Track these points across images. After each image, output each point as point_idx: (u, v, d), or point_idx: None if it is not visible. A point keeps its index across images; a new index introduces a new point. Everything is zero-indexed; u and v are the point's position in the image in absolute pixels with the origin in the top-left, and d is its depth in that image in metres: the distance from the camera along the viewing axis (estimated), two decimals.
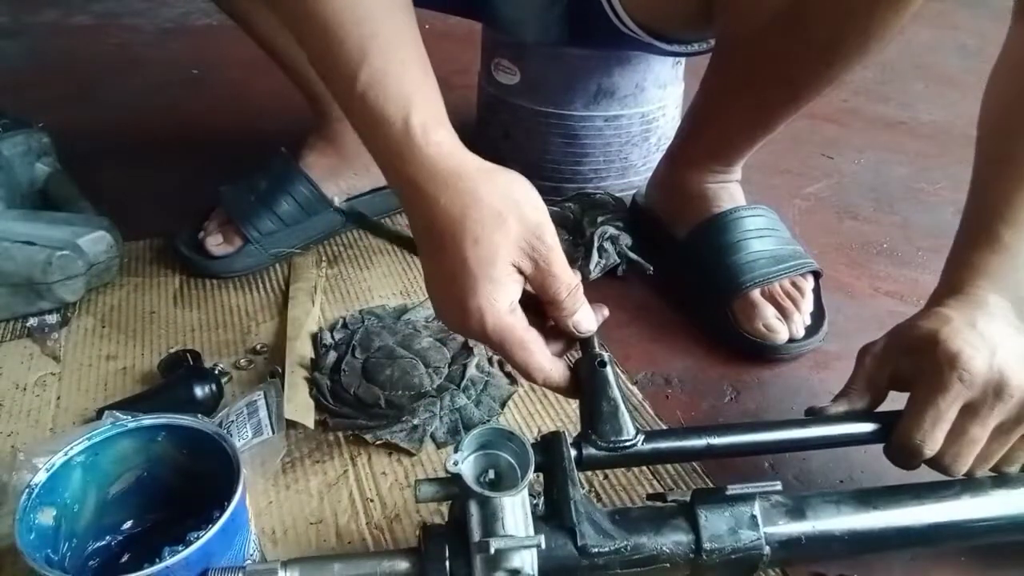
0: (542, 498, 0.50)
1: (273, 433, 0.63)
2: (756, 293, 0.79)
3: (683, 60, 1.07)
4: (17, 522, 0.42)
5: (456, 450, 0.45)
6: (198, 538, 0.42)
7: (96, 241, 0.81)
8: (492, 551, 0.41)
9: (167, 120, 1.29)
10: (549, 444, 0.50)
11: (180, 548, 0.42)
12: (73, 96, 1.38)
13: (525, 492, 0.45)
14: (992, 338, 0.53)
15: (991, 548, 0.58)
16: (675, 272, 0.88)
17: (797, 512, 0.50)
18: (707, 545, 0.47)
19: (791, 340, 0.78)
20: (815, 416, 0.58)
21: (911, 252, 0.98)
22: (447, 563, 0.44)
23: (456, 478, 0.44)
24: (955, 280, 0.58)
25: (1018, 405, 0.52)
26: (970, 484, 0.54)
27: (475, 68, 1.12)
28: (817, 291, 0.82)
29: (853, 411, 0.57)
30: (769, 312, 0.78)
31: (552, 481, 0.49)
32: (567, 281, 0.52)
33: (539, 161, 1.06)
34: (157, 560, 0.41)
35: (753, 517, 0.48)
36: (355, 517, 0.59)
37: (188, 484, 0.51)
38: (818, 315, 0.81)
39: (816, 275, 0.83)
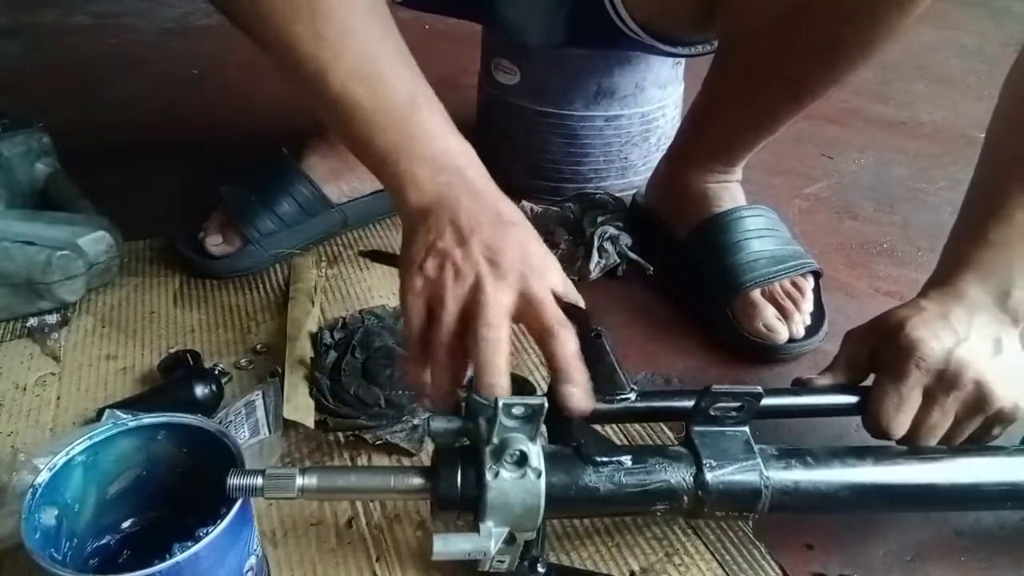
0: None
1: (270, 433, 0.63)
2: (756, 293, 0.79)
3: (683, 60, 1.07)
4: (23, 522, 0.42)
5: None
6: (207, 534, 0.42)
7: (96, 241, 0.81)
8: (501, 404, 0.44)
9: (167, 120, 1.29)
10: (551, 390, 0.53)
11: (189, 544, 0.42)
12: (73, 96, 1.38)
13: None
14: (960, 329, 0.56)
15: (990, 549, 0.58)
16: (675, 272, 0.88)
17: (791, 458, 0.52)
18: (707, 463, 0.49)
19: (791, 340, 0.78)
20: (801, 386, 0.61)
21: (911, 252, 0.98)
22: (459, 468, 0.46)
23: (468, 400, 0.48)
24: (943, 272, 0.61)
25: (973, 395, 0.55)
26: (971, 450, 0.56)
27: (475, 68, 1.12)
28: (817, 291, 0.82)
29: (836, 384, 0.60)
30: (769, 312, 0.78)
31: (554, 406, 0.51)
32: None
33: (539, 161, 1.06)
34: (167, 556, 0.41)
35: (748, 442, 0.51)
36: (355, 518, 0.59)
37: (186, 483, 0.51)
38: (818, 315, 0.81)
39: (816, 275, 0.83)
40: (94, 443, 0.48)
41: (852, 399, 0.59)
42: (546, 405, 0.45)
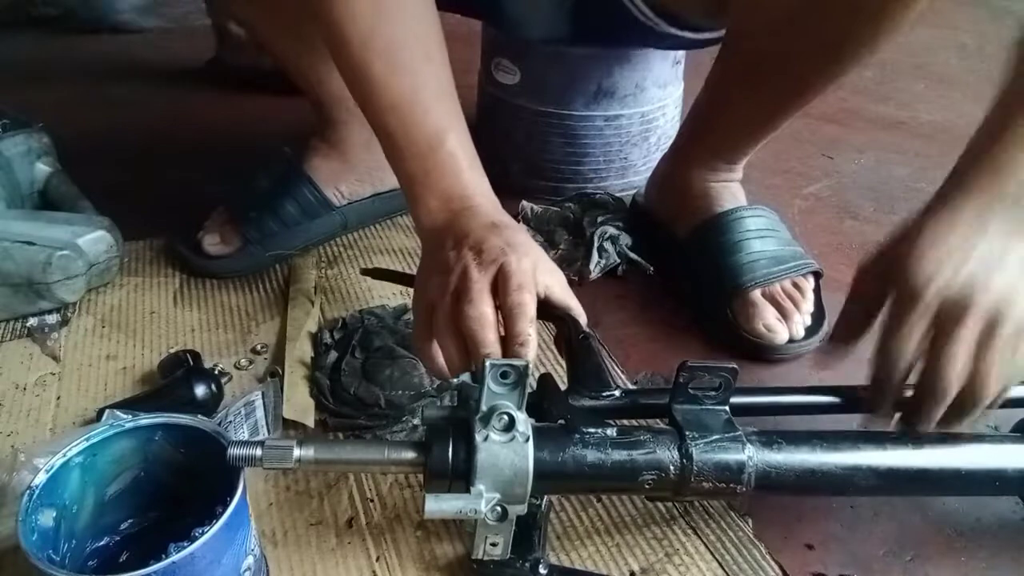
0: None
1: (270, 433, 0.63)
2: (757, 293, 0.79)
3: (683, 60, 1.07)
4: (20, 524, 0.42)
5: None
6: (202, 534, 0.42)
7: (96, 241, 0.81)
8: (488, 364, 0.46)
9: (167, 121, 1.29)
10: (540, 382, 0.56)
11: (185, 544, 0.42)
12: (73, 96, 1.38)
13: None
14: (969, 247, 0.52)
15: (990, 549, 0.58)
16: (675, 272, 0.88)
17: (774, 435, 0.52)
18: (690, 434, 0.50)
19: (791, 340, 0.77)
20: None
21: None
22: (450, 441, 0.48)
23: (460, 385, 0.50)
24: (954, 183, 0.56)
25: (987, 312, 0.51)
26: (949, 436, 0.55)
27: (475, 68, 1.12)
28: (818, 291, 0.82)
29: (826, 387, 0.59)
30: (769, 312, 0.78)
31: (542, 396, 0.53)
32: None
33: (539, 161, 1.06)
34: (163, 556, 0.41)
35: (729, 420, 0.52)
36: (355, 518, 0.59)
37: (185, 483, 0.51)
38: (818, 315, 0.81)
39: (817, 275, 0.83)
40: (91, 444, 0.47)
41: (839, 399, 0.59)
42: (530, 366, 0.47)
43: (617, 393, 0.55)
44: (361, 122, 0.91)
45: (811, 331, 0.79)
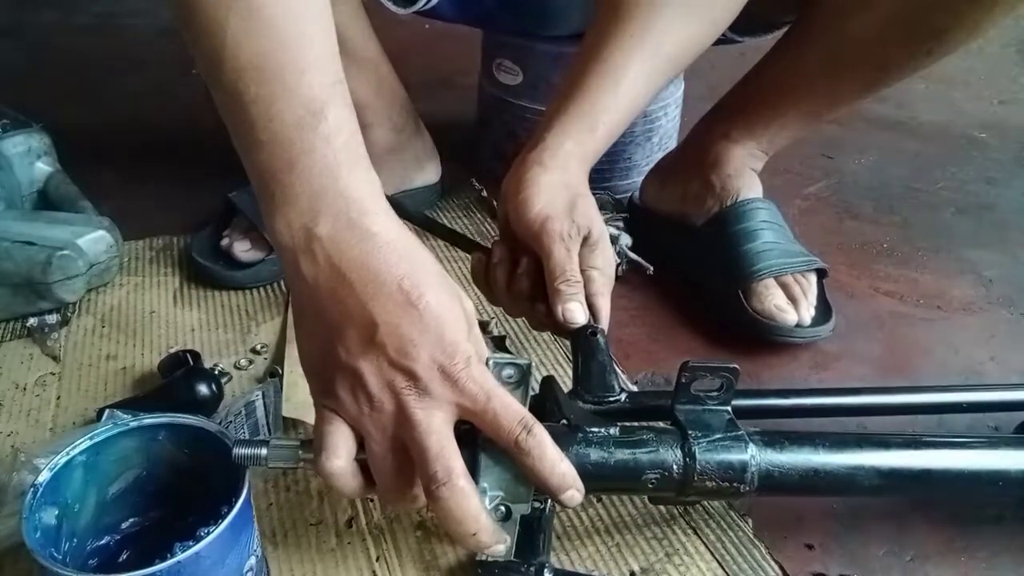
0: None
1: (270, 434, 0.63)
2: (770, 280, 0.79)
3: None
4: (24, 521, 0.42)
5: None
6: (208, 534, 0.42)
7: (96, 241, 0.81)
8: (491, 364, 0.46)
9: (167, 120, 1.29)
10: (543, 385, 0.55)
11: (190, 544, 0.42)
12: (73, 96, 1.38)
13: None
14: (572, 198, 0.65)
15: (990, 549, 0.58)
16: (682, 260, 0.88)
17: (776, 434, 0.52)
18: (692, 433, 0.50)
19: (798, 325, 0.78)
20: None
21: (911, 252, 0.98)
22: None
23: None
24: (556, 148, 0.68)
25: (601, 245, 0.64)
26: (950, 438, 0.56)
27: (475, 68, 1.12)
28: (821, 288, 0.83)
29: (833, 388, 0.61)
30: (780, 295, 0.79)
31: (545, 398, 0.53)
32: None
33: None
34: (167, 556, 0.41)
35: (731, 420, 0.52)
36: (355, 518, 0.59)
37: (186, 483, 0.51)
38: (824, 308, 0.81)
39: (820, 274, 0.83)
40: (95, 443, 0.47)
41: (839, 401, 0.60)
42: (533, 366, 0.47)
43: (622, 398, 0.55)
44: (387, 128, 0.91)
45: (819, 321, 0.79)
